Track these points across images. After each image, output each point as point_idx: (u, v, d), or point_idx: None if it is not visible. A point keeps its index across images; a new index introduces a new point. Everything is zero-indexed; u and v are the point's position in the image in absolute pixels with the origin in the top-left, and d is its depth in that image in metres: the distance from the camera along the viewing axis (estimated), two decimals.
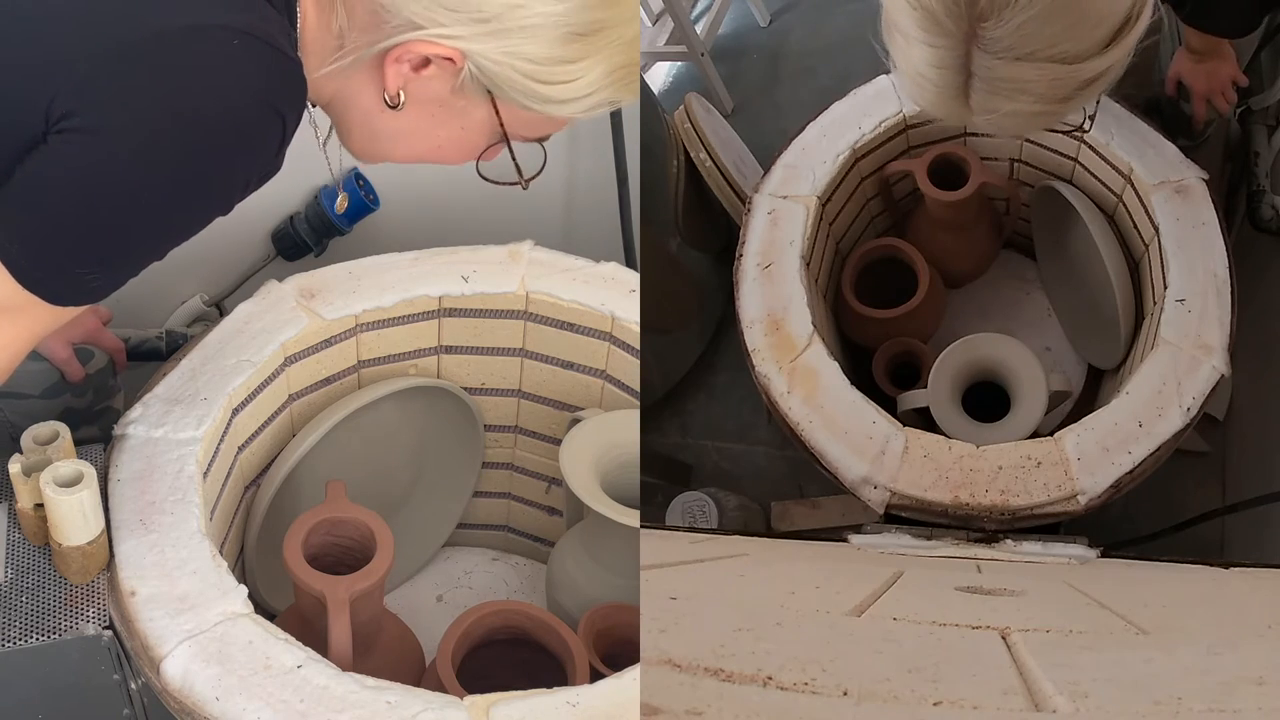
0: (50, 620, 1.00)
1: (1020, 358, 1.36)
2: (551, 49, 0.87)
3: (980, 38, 0.92)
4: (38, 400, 1.18)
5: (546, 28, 0.86)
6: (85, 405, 1.23)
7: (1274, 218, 1.55)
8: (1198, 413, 1.19)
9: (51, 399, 1.19)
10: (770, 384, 1.29)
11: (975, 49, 0.93)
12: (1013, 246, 1.72)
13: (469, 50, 0.86)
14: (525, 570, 1.52)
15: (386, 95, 0.91)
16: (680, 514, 1.58)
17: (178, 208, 0.86)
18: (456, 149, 0.97)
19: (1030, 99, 0.96)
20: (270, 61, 0.84)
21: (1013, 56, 0.92)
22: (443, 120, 0.93)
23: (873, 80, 1.50)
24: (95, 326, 1.25)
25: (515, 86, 0.89)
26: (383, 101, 0.91)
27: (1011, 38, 0.90)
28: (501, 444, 1.45)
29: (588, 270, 1.34)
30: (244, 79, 0.83)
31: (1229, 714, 0.54)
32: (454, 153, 0.97)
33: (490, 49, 0.86)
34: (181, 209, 0.87)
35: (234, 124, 0.84)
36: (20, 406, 1.16)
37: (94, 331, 1.25)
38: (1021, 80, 0.94)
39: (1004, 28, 0.90)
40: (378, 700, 0.92)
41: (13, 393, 1.17)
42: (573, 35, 0.86)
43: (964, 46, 0.93)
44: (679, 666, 0.56)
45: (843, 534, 1.22)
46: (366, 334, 1.30)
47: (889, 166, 1.53)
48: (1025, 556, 1.15)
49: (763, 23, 2.45)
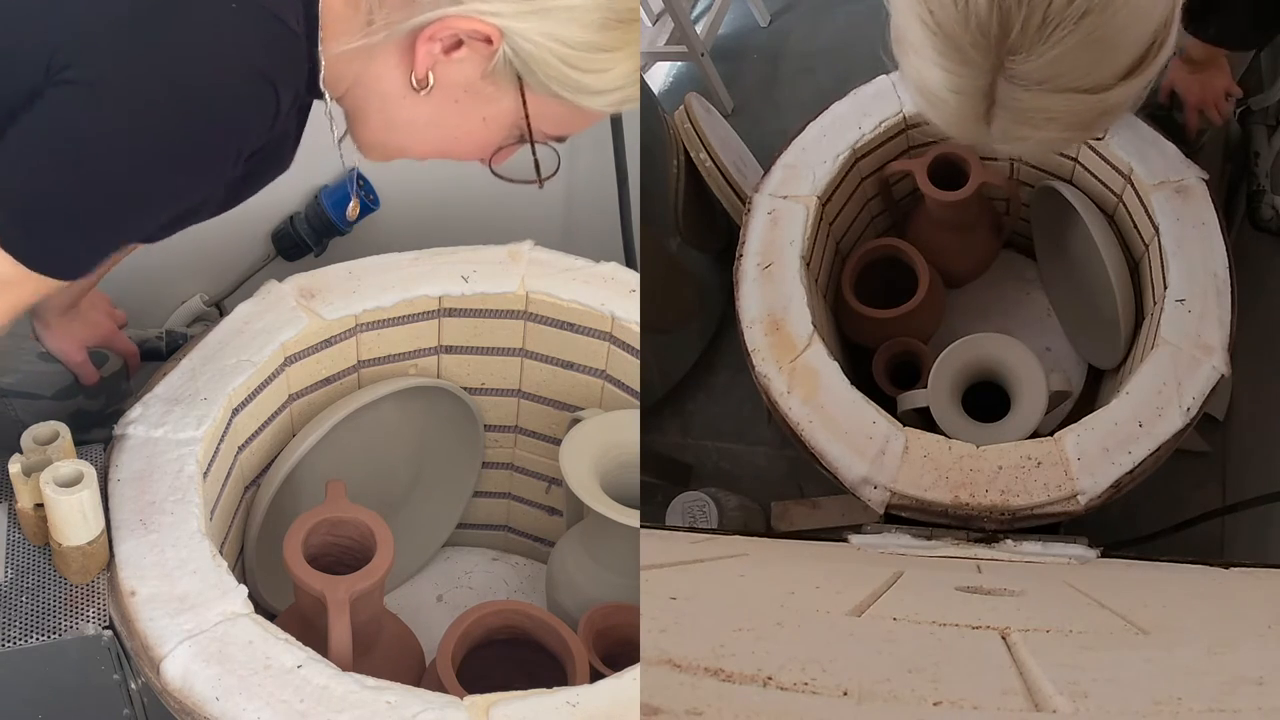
0: (50, 620, 1.00)
1: (1020, 358, 1.36)
2: (590, 34, 0.86)
3: (1007, 70, 0.88)
4: (50, 402, 1.18)
5: (589, 10, 0.85)
6: (98, 408, 1.23)
7: (1274, 218, 1.56)
8: (1198, 413, 1.19)
9: (64, 401, 1.20)
10: (770, 384, 1.29)
11: (1001, 79, 0.89)
12: (1013, 246, 1.72)
13: (508, 29, 0.85)
14: (525, 570, 1.52)
15: (414, 78, 0.89)
16: (680, 514, 1.57)
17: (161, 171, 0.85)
18: (473, 143, 0.95)
19: (1057, 127, 0.93)
20: (266, 29, 0.84)
21: (1041, 88, 0.89)
22: (467, 109, 0.92)
23: (873, 80, 1.50)
24: (110, 330, 1.25)
25: (549, 72, 0.88)
26: (407, 85, 0.90)
27: (1042, 71, 0.87)
28: (501, 444, 1.45)
29: (588, 270, 1.34)
30: (238, 47, 0.83)
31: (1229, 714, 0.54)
32: (470, 147, 0.96)
33: (530, 29, 0.85)
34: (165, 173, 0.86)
35: (224, 91, 0.83)
36: (33, 407, 1.16)
37: (109, 335, 1.25)
38: (1048, 110, 0.91)
39: (1034, 61, 0.86)
40: (378, 700, 0.92)
41: (26, 393, 1.17)
42: (612, 21, 0.86)
43: (989, 77, 0.89)
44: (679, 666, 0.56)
45: (843, 534, 1.22)
46: (366, 334, 1.30)
47: (889, 166, 1.53)
48: (1025, 556, 1.15)
49: (763, 23, 2.45)
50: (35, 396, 1.18)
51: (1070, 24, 0.83)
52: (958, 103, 0.93)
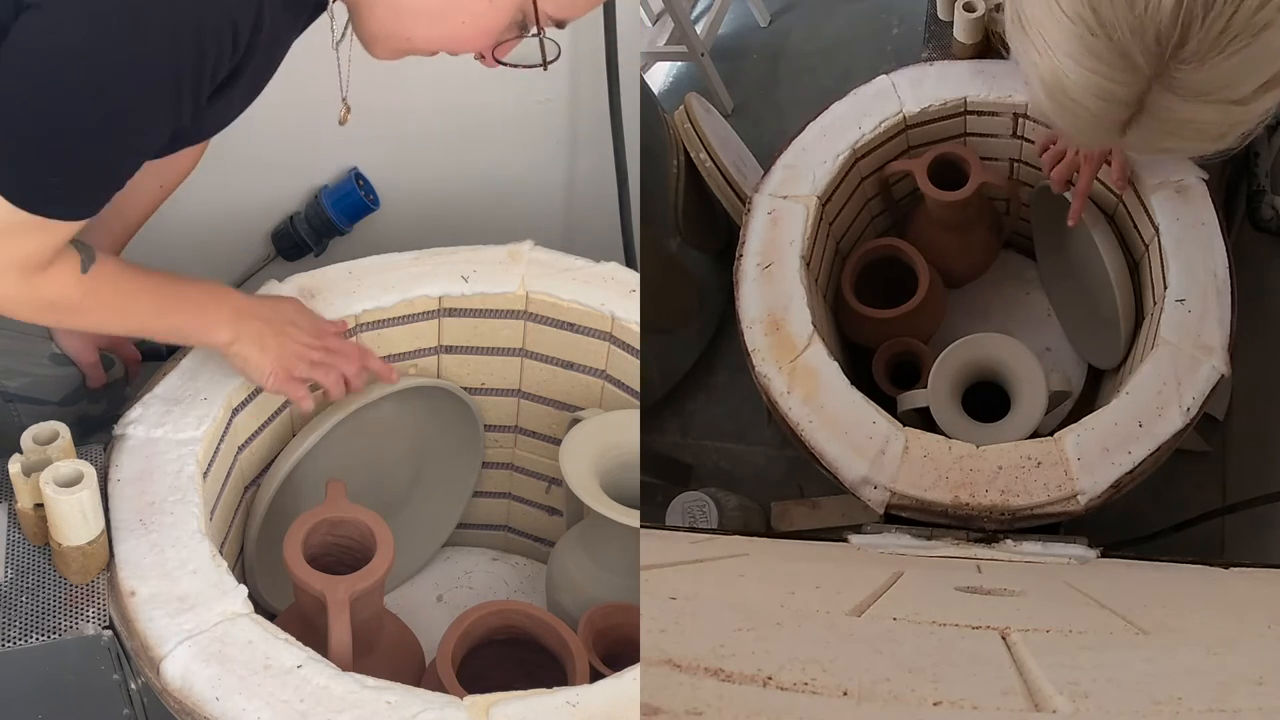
0: (50, 620, 1.00)
1: (1020, 358, 1.36)
2: None
3: (1171, 79, 0.83)
4: (55, 407, 1.18)
5: None
6: (100, 412, 1.24)
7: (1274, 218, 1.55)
8: (1198, 413, 1.19)
9: (68, 406, 1.20)
10: (770, 384, 1.29)
11: (1157, 87, 0.84)
12: (1013, 246, 1.72)
13: None
14: (525, 570, 1.52)
15: None
16: (680, 514, 1.57)
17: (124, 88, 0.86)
18: (479, 28, 0.96)
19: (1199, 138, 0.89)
20: None
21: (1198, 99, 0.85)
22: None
23: (873, 80, 1.50)
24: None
25: None
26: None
27: (1207, 82, 0.83)
28: (501, 444, 1.45)
29: (588, 270, 1.34)
30: None
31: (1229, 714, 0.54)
32: (475, 33, 0.97)
33: None
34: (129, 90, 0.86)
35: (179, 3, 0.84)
36: (37, 412, 1.16)
37: (118, 339, 1.25)
38: (1197, 121, 0.87)
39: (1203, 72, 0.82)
40: (378, 700, 0.92)
41: (31, 398, 1.17)
42: None
43: (1147, 85, 0.84)
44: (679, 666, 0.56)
45: (843, 534, 1.22)
46: (366, 334, 1.30)
47: (889, 166, 1.53)
48: (1025, 556, 1.15)
49: (763, 23, 2.45)
50: (41, 402, 1.18)
51: (1249, 35, 0.80)
52: (1100, 108, 0.89)
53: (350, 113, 1.08)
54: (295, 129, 1.48)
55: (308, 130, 1.49)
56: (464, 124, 1.60)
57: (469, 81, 1.26)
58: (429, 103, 1.55)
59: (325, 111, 1.11)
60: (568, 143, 1.66)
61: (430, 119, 1.58)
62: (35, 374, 1.17)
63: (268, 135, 1.43)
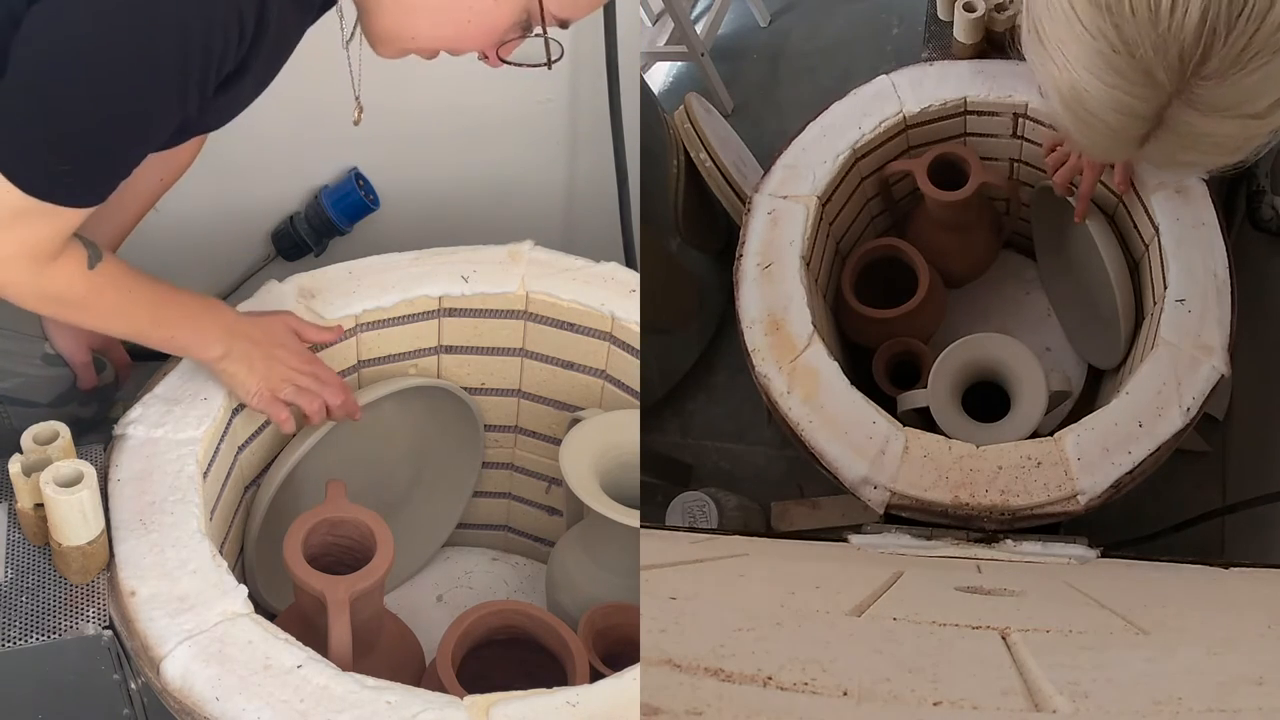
0: (50, 620, 1.00)
1: (1020, 358, 1.36)
2: None
3: (1192, 94, 0.83)
4: (45, 409, 1.19)
5: None
6: (90, 414, 1.24)
7: (1274, 218, 1.55)
8: (1198, 413, 1.19)
9: (58, 408, 1.20)
10: (770, 384, 1.29)
11: (1177, 103, 0.84)
12: (1013, 246, 1.72)
13: None
14: (525, 570, 1.52)
15: None
16: (680, 514, 1.57)
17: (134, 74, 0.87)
18: (484, 26, 0.97)
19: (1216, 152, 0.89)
20: None
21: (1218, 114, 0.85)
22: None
23: (873, 80, 1.50)
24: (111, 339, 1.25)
25: None
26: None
27: (1227, 98, 0.83)
28: (501, 444, 1.45)
29: (588, 270, 1.34)
30: None
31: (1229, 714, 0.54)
32: (480, 31, 0.97)
33: None
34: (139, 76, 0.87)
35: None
36: (27, 414, 1.16)
37: (110, 342, 1.25)
38: (1215, 135, 0.87)
39: (1224, 88, 0.82)
40: (378, 700, 0.92)
41: (22, 400, 1.17)
42: None
43: (1167, 100, 0.85)
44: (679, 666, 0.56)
45: (843, 534, 1.22)
46: (366, 334, 1.30)
47: (889, 166, 1.53)
48: (1025, 556, 1.15)
49: (763, 23, 2.45)
50: (31, 404, 1.18)
51: (1270, 52, 0.81)
52: (1119, 123, 0.88)
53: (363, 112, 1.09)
54: (295, 129, 1.48)
55: (308, 130, 1.49)
56: (464, 124, 1.60)
57: (469, 82, 1.27)
58: (429, 103, 1.55)
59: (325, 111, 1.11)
60: (568, 143, 1.66)
61: (430, 119, 1.58)
62: (27, 374, 1.17)
63: (268, 135, 1.43)
